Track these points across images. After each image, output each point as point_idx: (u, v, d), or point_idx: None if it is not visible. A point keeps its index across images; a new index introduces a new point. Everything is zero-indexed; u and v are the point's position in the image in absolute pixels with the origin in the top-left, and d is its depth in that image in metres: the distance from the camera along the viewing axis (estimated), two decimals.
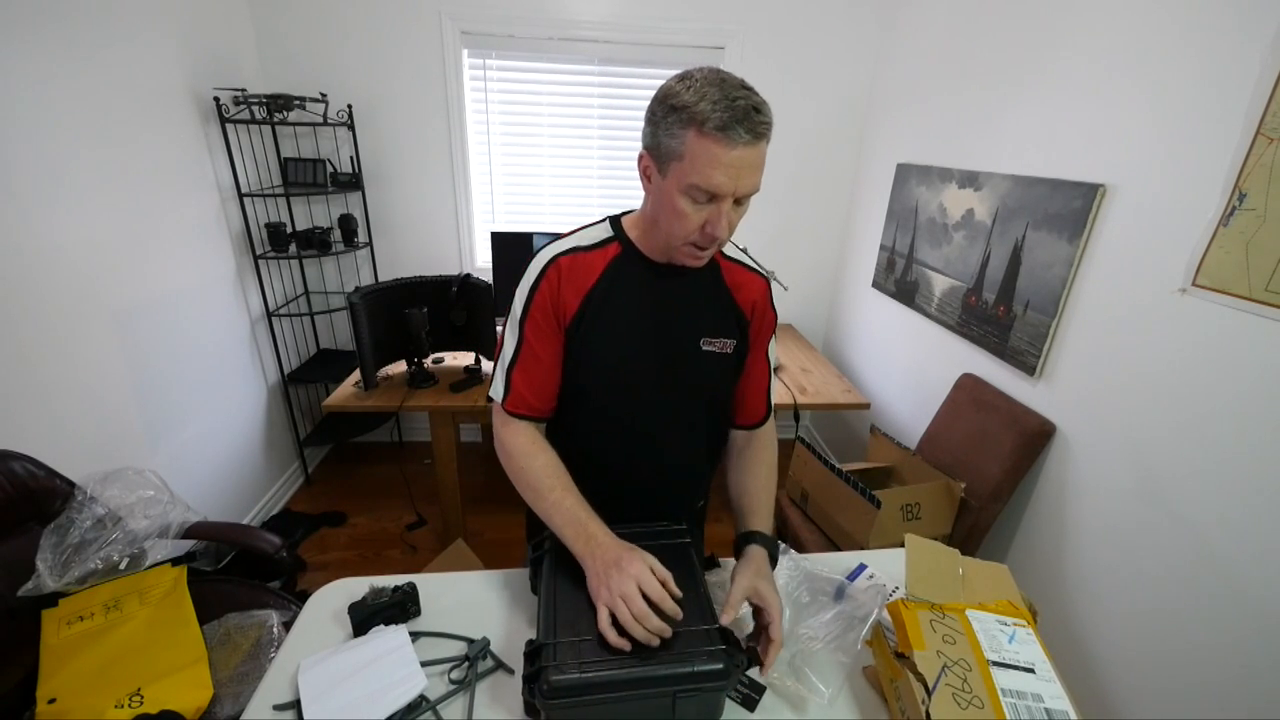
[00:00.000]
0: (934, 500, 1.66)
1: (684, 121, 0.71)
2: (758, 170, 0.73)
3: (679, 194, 0.75)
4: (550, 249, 0.88)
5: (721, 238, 0.76)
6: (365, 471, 2.83)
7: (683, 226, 0.77)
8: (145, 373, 1.80)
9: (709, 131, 0.69)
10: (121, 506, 1.45)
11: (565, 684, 0.66)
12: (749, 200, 0.78)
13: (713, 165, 0.71)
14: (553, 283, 0.86)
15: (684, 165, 0.73)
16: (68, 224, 1.52)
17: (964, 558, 0.86)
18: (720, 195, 0.73)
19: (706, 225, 0.76)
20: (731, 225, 0.77)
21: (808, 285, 2.93)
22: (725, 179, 0.71)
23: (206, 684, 1.17)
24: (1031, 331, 1.62)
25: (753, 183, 0.74)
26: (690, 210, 0.75)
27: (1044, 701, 0.65)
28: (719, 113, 0.69)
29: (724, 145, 0.70)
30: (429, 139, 2.50)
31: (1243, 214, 1.10)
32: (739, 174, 0.72)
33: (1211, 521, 1.17)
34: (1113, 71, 1.40)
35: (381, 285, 2.00)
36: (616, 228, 0.89)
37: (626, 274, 0.87)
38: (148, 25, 1.79)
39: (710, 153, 0.70)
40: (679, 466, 1.00)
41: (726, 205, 0.74)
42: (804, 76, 2.54)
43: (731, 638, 0.73)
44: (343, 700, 0.73)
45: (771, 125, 0.72)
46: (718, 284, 0.91)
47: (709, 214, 0.75)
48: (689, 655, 0.69)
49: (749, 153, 0.71)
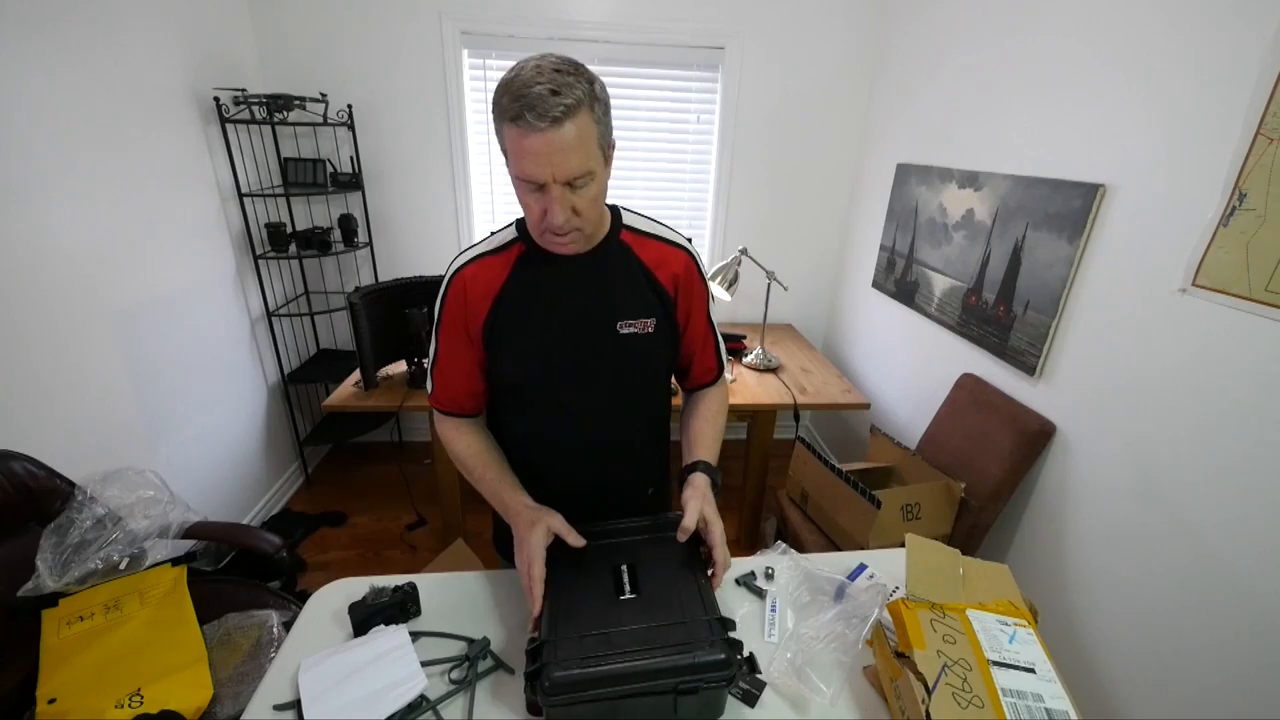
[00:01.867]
0: (934, 500, 1.66)
1: (497, 117, 0.74)
2: (572, 152, 0.72)
3: (519, 186, 0.77)
4: (457, 260, 0.91)
5: (555, 223, 0.76)
6: (365, 471, 2.83)
7: (530, 216, 0.79)
8: (145, 373, 1.80)
9: (510, 123, 0.71)
10: (121, 506, 1.45)
11: (567, 680, 0.66)
12: (595, 181, 0.77)
13: (521, 155, 0.72)
14: (458, 294, 0.89)
15: (509, 158, 0.76)
16: (68, 224, 1.52)
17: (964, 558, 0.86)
18: (539, 182, 0.73)
19: (545, 213, 0.76)
20: (578, 209, 0.77)
21: (808, 285, 2.93)
22: (535, 166, 0.72)
23: (206, 684, 1.17)
24: (1031, 331, 1.62)
25: (569, 166, 0.72)
26: (530, 200, 0.77)
27: (1044, 701, 0.65)
28: (514, 104, 0.70)
29: (524, 133, 0.70)
30: (429, 139, 2.50)
31: (1243, 214, 1.10)
32: (548, 159, 0.71)
33: (1211, 521, 1.17)
34: (1113, 71, 1.40)
35: (381, 285, 2.00)
36: (521, 229, 0.91)
37: (532, 271, 0.89)
38: (148, 25, 1.79)
39: (517, 144, 0.72)
40: (624, 449, 1.01)
41: (556, 191, 0.74)
42: (804, 76, 2.54)
43: (731, 626, 0.73)
44: (343, 700, 0.73)
45: (577, 105, 0.70)
46: (630, 265, 0.92)
47: (544, 202, 0.76)
48: (690, 646, 0.69)
49: (552, 137, 0.70)
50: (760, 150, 2.65)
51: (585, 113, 0.72)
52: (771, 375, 2.28)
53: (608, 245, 0.90)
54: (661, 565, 0.82)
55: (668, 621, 0.73)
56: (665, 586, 0.79)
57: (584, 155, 0.73)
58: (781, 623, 0.90)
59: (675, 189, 2.72)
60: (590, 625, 0.72)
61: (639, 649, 0.69)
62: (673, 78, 2.53)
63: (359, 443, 2.97)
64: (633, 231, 0.93)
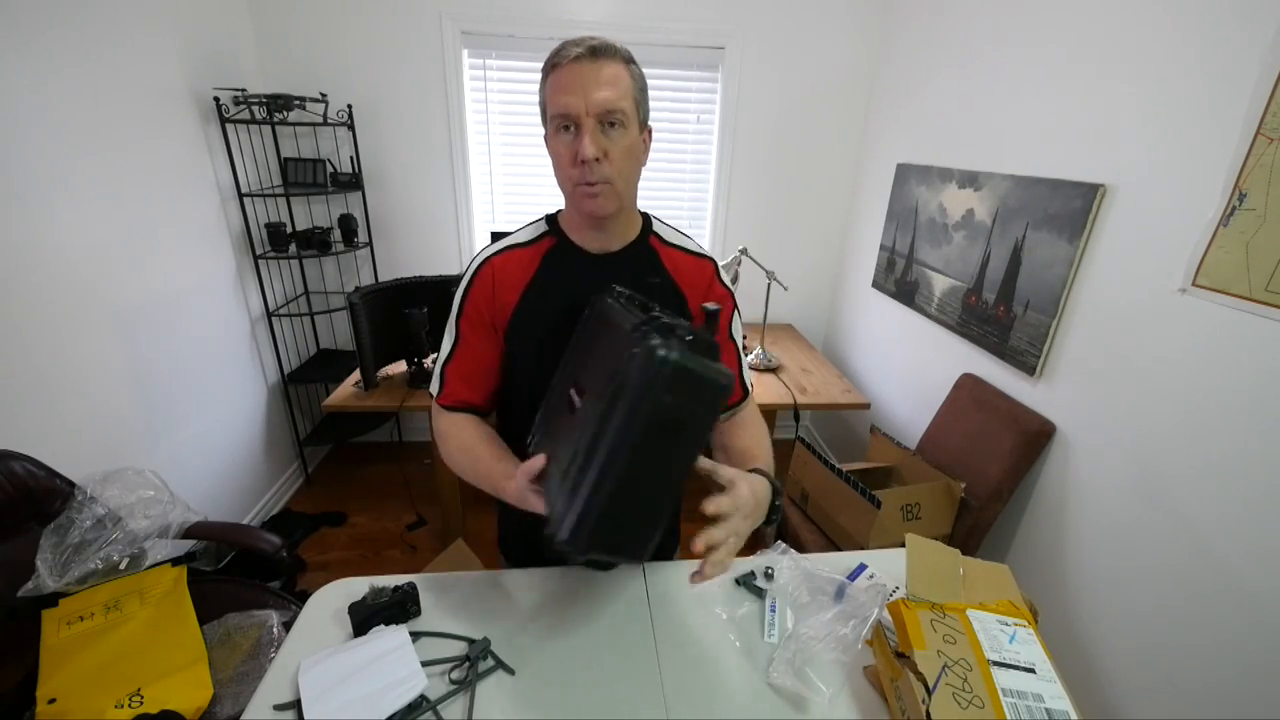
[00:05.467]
0: (934, 500, 1.66)
1: (543, 76, 0.80)
2: (605, 86, 0.75)
3: (553, 138, 0.80)
4: (486, 250, 0.91)
5: (586, 153, 0.76)
6: (365, 471, 2.83)
7: (563, 167, 0.80)
8: (145, 373, 1.80)
9: (551, 67, 0.78)
10: (121, 506, 1.45)
11: (570, 540, 0.61)
12: (628, 131, 0.79)
13: (557, 90, 0.77)
14: (486, 283, 0.89)
15: (547, 108, 0.80)
16: (68, 224, 1.52)
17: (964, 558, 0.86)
18: (574, 115, 0.76)
19: (577, 153, 0.77)
20: (610, 154, 0.78)
21: (808, 285, 2.93)
22: (569, 97, 0.75)
23: (206, 684, 1.17)
24: (1031, 331, 1.62)
25: (603, 97, 0.75)
26: (563, 149, 0.79)
27: (1044, 701, 0.65)
28: (555, 53, 0.77)
29: (561, 68, 0.76)
30: (429, 139, 2.50)
31: (1243, 214, 1.10)
32: (582, 87, 0.75)
33: (1211, 521, 1.17)
34: (1113, 72, 1.40)
35: (381, 285, 2.00)
36: (551, 222, 0.92)
37: (561, 265, 0.89)
38: (148, 25, 1.79)
39: (555, 81, 0.77)
40: None
41: (589, 124, 0.76)
42: (804, 76, 2.54)
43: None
44: (343, 700, 0.73)
45: (616, 49, 0.77)
46: (655, 270, 0.91)
47: (576, 143, 0.77)
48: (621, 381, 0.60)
49: (586, 66, 0.75)
50: (760, 150, 2.65)
51: (621, 64, 0.77)
52: (771, 375, 2.28)
53: (636, 247, 0.90)
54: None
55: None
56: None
57: (618, 92, 0.76)
58: (781, 623, 0.90)
59: (675, 189, 2.73)
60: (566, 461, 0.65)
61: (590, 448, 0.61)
62: (673, 78, 2.53)
63: (359, 443, 2.97)
64: (660, 239, 0.93)
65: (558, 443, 0.73)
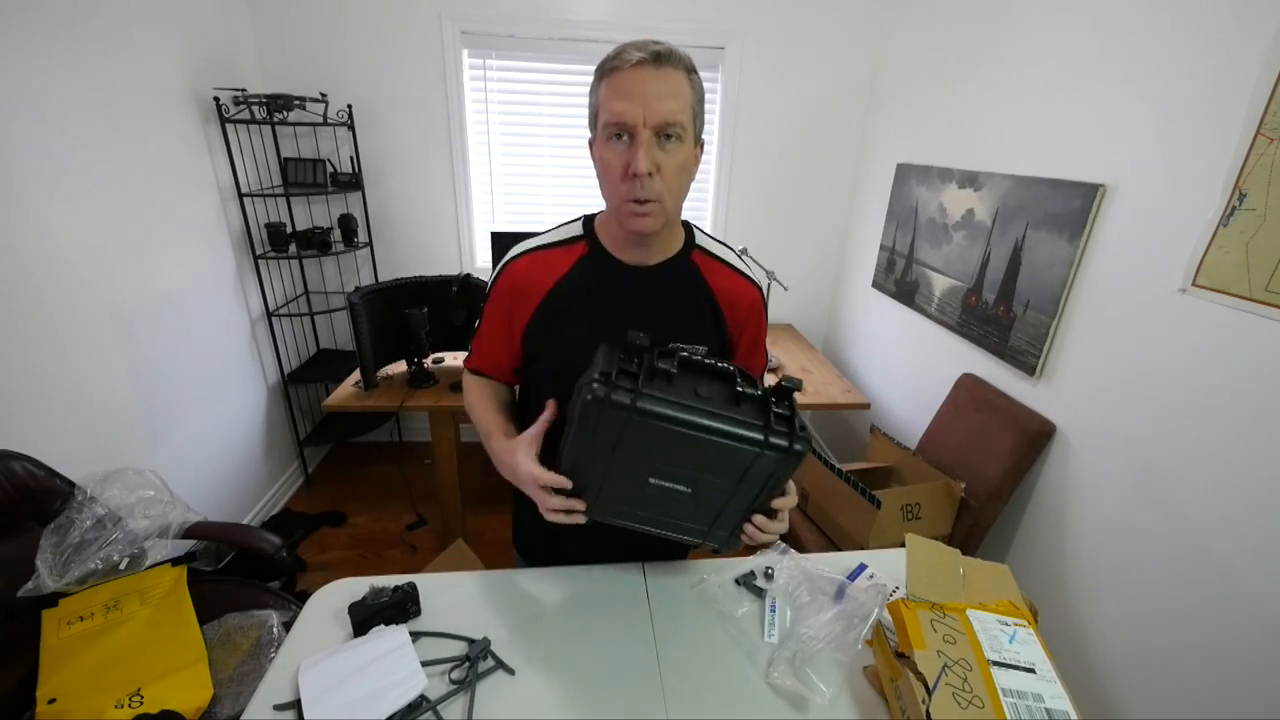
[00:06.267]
0: (934, 500, 1.66)
1: (597, 79, 0.75)
2: (667, 98, 0.71)
3: (603, 146, 0.76)
4: (516, 248, 0.89)
5: (639, 168, 0.72)
6: (365, 471, 2.83)
7: (611, 179, 0.76)
8: (145, 373, 1.80)
9: (607, 75, 0.73)
10: (121, 506, 1.45)
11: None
12: (684, 147, 0.75)
13: (613, 95, 0.72)
14: (505, 288, 0.87)
15: (600, 114, 0.75)
16: (68, 224, 1.52)
17: (964, 558, 0.86)
18: (630, 125, 0.72)
19: (628, 166, 0.73)
20: (663, 171, 0.74)
21: (808, 285, 2.93)
22: (627, 104, 0.71)
23: (206, 684, 1.17)
24: (1031, 331, 1.62)
25: (663, 108, 0.71)
26: (614, 159, 0.75)
27: (1044, 701, 0.65)
28: (614, 56, 0.73)
29: (620, 72, 0.72)
30: (429, 139, 2.50)
31: (1243, 214, 1.10)
32: (642, 97, 0.70)
33: (1211, 521, 1.17)
34: (1113, 71, 1.40)
35: (381, 285, 2.00)
36: (587, 226, 0.88)
37: (592, 273, 0.85)
38: (148, 25, 1.79)
39: (612, 86, 0.73)
40: None
41: (644, 136, 0.72)
42: (804, 76, 2.54)
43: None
44: (343, 700, 0.73)
45: (679, 56, 0.73)
46: (697, 287, 0.88)
47: (629, 154, 0.73)
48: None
49: (648, 73, 0.71)
50: (760, 150, 2.65)
51: (684, 73, 0.73)
52: (772, 375, 2.27)
53: (676, 262, 0.86)
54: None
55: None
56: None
57: (678, 104, 0.72)
58: (781, 623, 0.90)
59: None
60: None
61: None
62: None
63: (359, 443, 2.97)
64: (705, 254, 0.89)
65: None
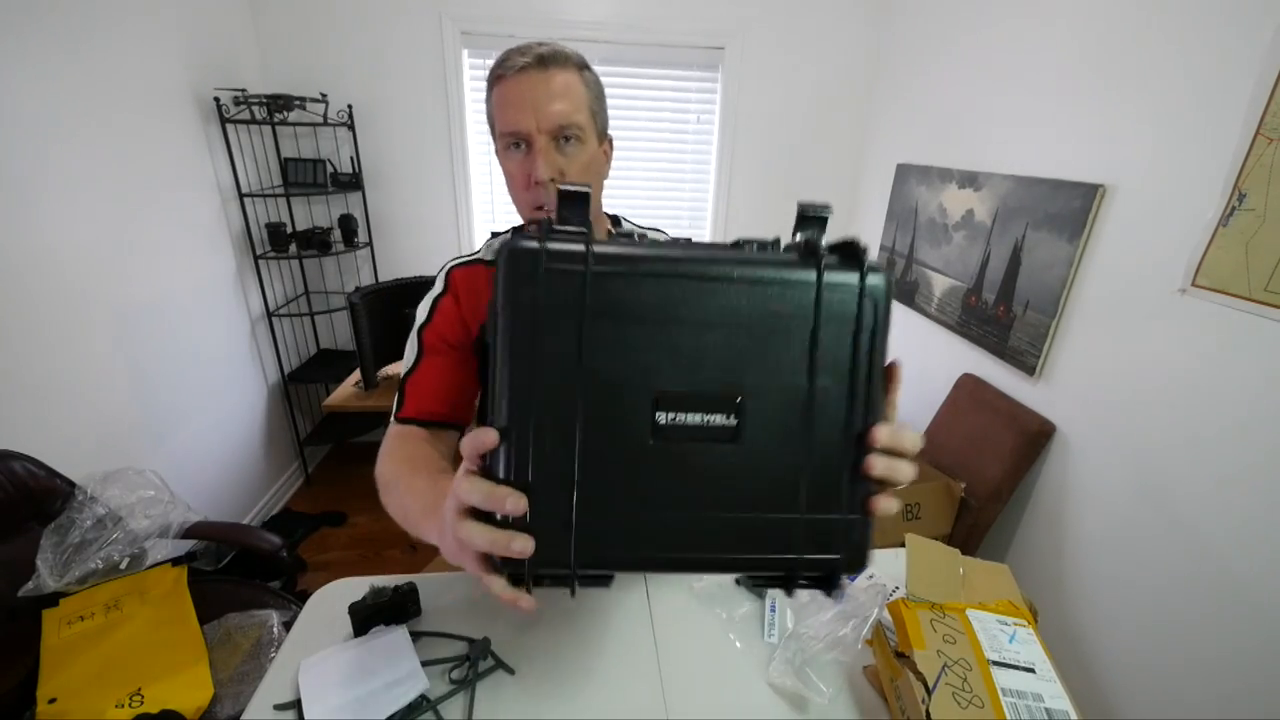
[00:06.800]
0: (934, 500, 1.66)
1: (488, 88, 0.73)
2: (558, 97, 0.69)
3: (503, 155, 0.74)
4: (448, 262, 0.87)
5: (540, 177, 0.70)
6: (365, 471, 2.80)
7: (516, 189, 0.75)
8: (145, 373, 1.80)
9: (495, 79, 0.71)
10: (122, 506, 1.45)
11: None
12: (585, 146, 0.72)
13: (504, 104, 0.70)
14: (456, 289, 0.84)
15: (495, 124, 0.74)
16: (68, 224, 1.52)
17: (964, 557, 0.86)
18: (524, 133, 0.70)
19: (530, 175, 0.72)
20: (565, 172, 0.71)
21: None
22: (518, 112, 0.69)
23: (207, 684, 1.17)
24: (1031, 331, 1.62)
25: (553, 110, 0.69)
26: (514, 169, 0.73)
27: (1044, 701, 0.65)
28: (500, 63, 0.71)
29: (506, 80, 0.70)
30: (429, 139, 2.50)
31: (1242, 214, 1.10)
32: (532, 101, 0.68)
33: (1211, 521, 1.17)
34: (1113, 72, 1.40)
35: (381, 285, 2.01)
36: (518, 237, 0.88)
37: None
38: (148, 25, 1.79)
39: (501, 95, 0.71)
40: None
41: (541, 142, 0.70)
42: (804, 76, 2.54)
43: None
44: (343, 700, 0.73)
45: (566, 55, 0.71)
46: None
47: (528, 163, 0.71)
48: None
49: (535, 77, 0.69)
50: (760, 150, 2.65)
51: (574, 71, 0.70)
52: None
53: None
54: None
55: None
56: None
57: (571, 105, 0.70)
58: (781, 623, 0.90)
59: (675, 189, 2.72)
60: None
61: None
62: (672, 78, 2.53)
63: (359, 443, 2.97)
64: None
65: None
